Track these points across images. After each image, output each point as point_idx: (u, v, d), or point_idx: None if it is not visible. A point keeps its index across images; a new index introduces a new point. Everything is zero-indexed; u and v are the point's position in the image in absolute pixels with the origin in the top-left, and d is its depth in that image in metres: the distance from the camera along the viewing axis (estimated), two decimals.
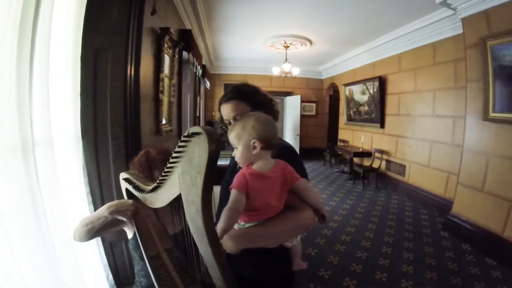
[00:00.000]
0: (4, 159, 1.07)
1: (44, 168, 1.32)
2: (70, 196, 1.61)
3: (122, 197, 1.23)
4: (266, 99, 1.20)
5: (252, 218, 0.94)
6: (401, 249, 3.16)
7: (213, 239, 0.67)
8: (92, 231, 1.13)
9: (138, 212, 1.08)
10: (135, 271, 1.24)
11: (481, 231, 3.13)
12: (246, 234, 0.92)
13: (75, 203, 1.67)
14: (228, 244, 0.87)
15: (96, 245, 1.81)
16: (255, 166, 0.94)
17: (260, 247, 0.96)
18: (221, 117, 1.21)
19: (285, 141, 1.26)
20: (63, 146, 1.56)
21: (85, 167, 1.78)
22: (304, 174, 1.05)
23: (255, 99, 1.14)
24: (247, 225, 0.95)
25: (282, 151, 1.07)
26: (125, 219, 1.07)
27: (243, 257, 0.93)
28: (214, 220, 0.81)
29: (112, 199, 1.92)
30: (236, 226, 0.94)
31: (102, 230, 1.15)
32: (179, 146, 0.68)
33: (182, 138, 0.66)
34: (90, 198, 1.84)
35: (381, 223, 3.94)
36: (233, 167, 1.16)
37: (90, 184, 1.84)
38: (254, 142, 0.91)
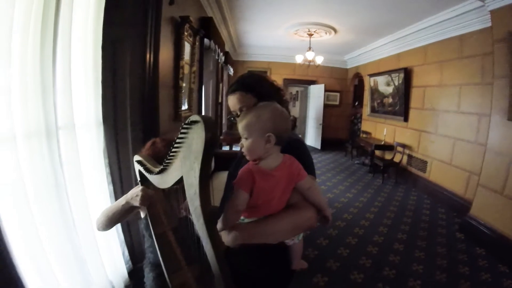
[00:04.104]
0: (29, 142, 1.16)
1: (67, 150, 1.42)
2: (91, 177, 1.72)
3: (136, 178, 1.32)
4: (273, 89, 1.18)
5: (252, 214, 0.92)
6: (413, 247, 3.11)
7: (209, 220, 0.72)
8: (114, 219, 1.25)
9: (148, 196, 1.16)
10: (145, 247, 1.33)
11: (497, 237, 3.00)
12: (244, 230, 0.90)
13: (96, 183, 1.78)
14: (225, 237, 0.88)
15: None
16: (263, 163, 0.90)
17: (259, 243, 0.93)
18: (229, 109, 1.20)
19: (294, 134, 1.23)
20: (85, 131, 1.66)
21: (105, 149, 1.88)
22: (311, 170, 1.02)
23: (259, 90, 1.12)
24: (246, 220, 0.94)
25: (291, 144, 1.03)
26: (137, 205, 1.16)
27: (241, 252, 0.93)
28: (213, 204, 0.84)
29: (130, 179, 2.05)
30: None
31: (121, 217, 1.26)
32: (181, 133, 0.73)
33: (183, 126, 0.71)
34: (110, 178, 1.95)
35: (396, 219, 3.89)
36: (241, 159, 1.13)
37: (110, 165, 1.95)
38: (269, 136, 0.87)
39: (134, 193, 1.17)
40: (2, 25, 1.00)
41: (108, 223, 1.26)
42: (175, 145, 0.77)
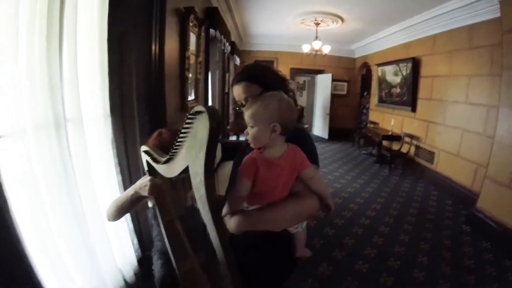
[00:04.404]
0: (38, 135, 1.18)
1: (75, 142, 1.45)
2: (100, 168, 1.76)
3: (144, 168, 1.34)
4: (278, 79, 1.17)
5: (255, 202, 0.94)
6: (419, 238, 3.11)
7: (214, 207, 0.74)
8: (123, 209, 1.27)
9: (157, 186, 1.18)
10: (153, 236, 1.37)
11: (503, 230, 2.96)
12: (247, 216, 0.92)
13: (105, 173, 1.82)
14: (229, 224, 0.90)
15: None
16: (267, 152, 0.91)
17: (263, 231, 0.94)
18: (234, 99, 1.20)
19: (299, 124, 1.24)
20: (93, 122, 1.69)
21: (113, 141, 1.91)
22: (314, 160, 1.03)
23: (264, 80, 1.11)
24: (250, 208, 0.95)
25: (295, 133, 1.03)
26: (146, 194, 1.18)
27: (245, 240, 0.95)
28: (218, 193, 0.84)
29: (138, 169, 2.08)
30: None
31: (130, 207, 1.29)
32: (186, 123, 0.74)
33: (188, 116, 0.72)
34: (118, 169, 1.98)
35: (402, 210, 3.88)
36: (246, 147, 1.14)
37: (118, 156, 1.98)
38: (274, 126, 0.88)
39: (143, 183, 1.19)
40: (9, 20, 1.01)
41: (118, 213, 1.29)
42: (181, 135, 0.79)
